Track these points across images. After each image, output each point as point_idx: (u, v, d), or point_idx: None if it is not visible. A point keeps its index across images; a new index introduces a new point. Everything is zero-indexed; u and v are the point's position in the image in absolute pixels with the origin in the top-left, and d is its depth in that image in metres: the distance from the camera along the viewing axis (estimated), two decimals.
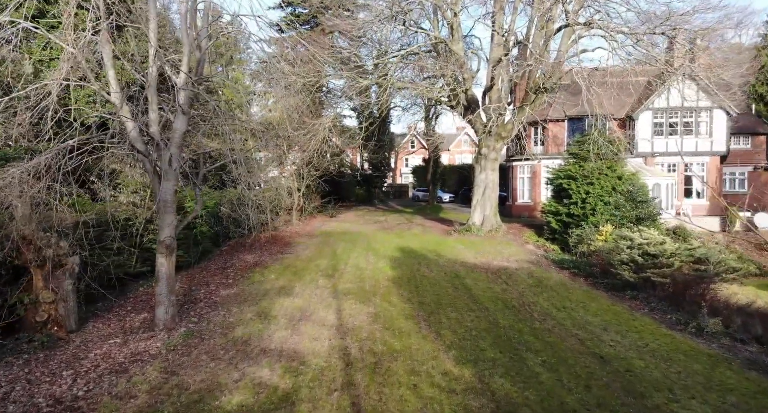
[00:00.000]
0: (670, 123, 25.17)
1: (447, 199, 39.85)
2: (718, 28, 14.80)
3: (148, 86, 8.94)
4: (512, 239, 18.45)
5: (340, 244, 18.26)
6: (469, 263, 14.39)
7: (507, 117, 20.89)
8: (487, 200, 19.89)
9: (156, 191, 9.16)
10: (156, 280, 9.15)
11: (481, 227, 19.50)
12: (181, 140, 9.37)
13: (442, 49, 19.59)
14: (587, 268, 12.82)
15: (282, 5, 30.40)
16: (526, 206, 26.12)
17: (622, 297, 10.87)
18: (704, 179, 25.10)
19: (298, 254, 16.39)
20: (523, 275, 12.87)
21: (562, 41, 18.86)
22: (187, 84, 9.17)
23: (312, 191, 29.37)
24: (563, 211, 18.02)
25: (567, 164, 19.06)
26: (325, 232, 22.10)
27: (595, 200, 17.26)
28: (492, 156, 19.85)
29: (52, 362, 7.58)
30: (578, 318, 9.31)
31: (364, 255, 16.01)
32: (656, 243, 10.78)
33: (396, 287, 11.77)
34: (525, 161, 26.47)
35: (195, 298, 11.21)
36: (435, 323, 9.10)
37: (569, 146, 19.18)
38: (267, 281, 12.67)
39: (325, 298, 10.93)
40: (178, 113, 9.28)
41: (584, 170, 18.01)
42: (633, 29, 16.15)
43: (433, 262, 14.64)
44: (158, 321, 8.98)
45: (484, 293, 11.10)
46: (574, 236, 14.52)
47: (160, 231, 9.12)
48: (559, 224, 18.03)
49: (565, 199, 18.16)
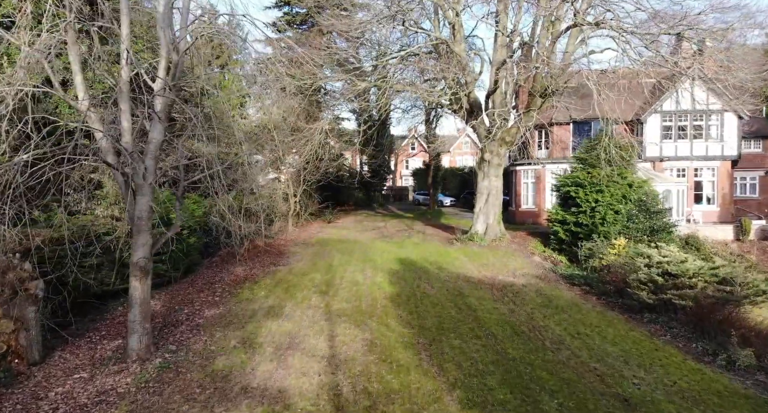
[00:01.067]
0: (679, 126, 24.29)
1: (448, 203, 38.98)
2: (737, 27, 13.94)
3: (120, 92, 8.09)
4: (517, 250, 17.58)
5: (336, 255, 17.39)
6: (472, 278, 13.52)
7: (511, 121, 20.02)
8: (491, 208, 19.03)
9: (130, 208, 8.31)
10: (129, 305, 8.30)
11: (485, 237, 18.63)
12: (158, 150, 8.52)
13: (443, 51, 18.72)
14: (600, 285, 11.95)
15: (278, 5, 29.57)
16: (531, 212, 25.26)
17: (640, 320, 10.00)
18: (715, 184, 24.23)
19: (292, 267, 15.53)
20: (531, 292, 12.00)
21: (569, 42, 18.00)
22: (165, 89, 8.33)
23: (309, 195, 28.54)
24: (571, 220, 17.15)
25: (574, 170, 18.19)
26: (322, 240, 21.24)
27: (605, 208, 16.39)
28: (495, 162, 18.98)
29: (6, 403, 6.72)
30: (595, 347, 8.44)
31: (361, 268, 15.15)
32: (677, 261, 9.92)
33: (394, 307, 10.91)
34: (529, 165, 25.61)
35: (176, 320, 10.35)
36: (437, 353, 8.24)
37: (579, 151, 18.29)
38: (256, 300, 11.81)
39: (317, 321, 10.07)
40: (154, 122, 8.44)
41: (593, 177, 17.15)
42: (645, 29, 15.28)
43: (435, 276, 13.77)
44: (131, 352, 8.12)
45: (490, 315, 10.23)
46: (584, 249, 13.63)
47: (134, 252, 8.27)
48: (566, 234, 17.16)
49: (573, 207, 17.28)
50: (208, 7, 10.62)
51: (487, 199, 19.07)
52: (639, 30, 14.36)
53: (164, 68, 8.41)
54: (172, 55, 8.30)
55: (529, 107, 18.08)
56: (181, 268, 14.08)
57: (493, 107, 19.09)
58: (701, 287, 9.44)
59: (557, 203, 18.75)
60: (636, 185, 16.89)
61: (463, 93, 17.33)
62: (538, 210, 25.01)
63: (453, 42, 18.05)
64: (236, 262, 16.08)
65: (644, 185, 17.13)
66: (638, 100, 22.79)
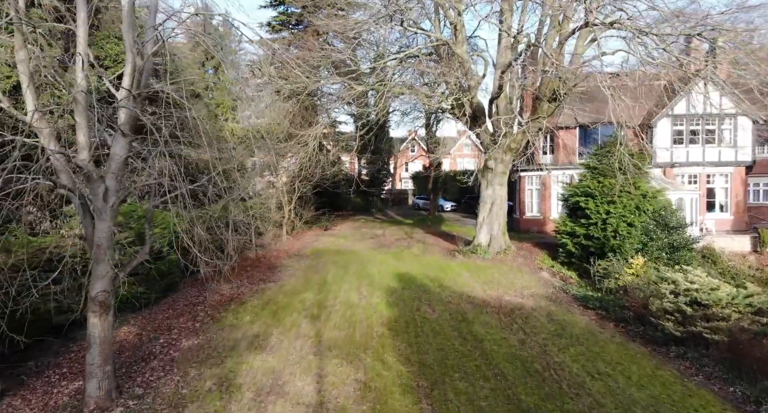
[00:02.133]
0: (691, 131, 23.25)
1: (449, 207, 37.93)
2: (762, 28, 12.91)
3: (75, 103, 7.05)
4: (523, 264, 16.54)
5: (330, 269, 16.36)
6: (477, 299, 12.48)
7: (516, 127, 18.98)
8: (495, 218, 17.99)
9: (87, 234, 7.27)
10: (87, 345, 7.26)
11: (488, 249, 17.59)
12: (122, 167, 7.48)
13: (444, 52, 17.69)
14: (617, 309, 10.90)
15: (273, 4, 28.53)
16: (535, 220, 24.22)
17: (666, 354, 8.96)
18: (728, 191, 23.19)
19: (283, 284, 14.49)
20: (541, 317, 10.96)
21: (577, 43, 16.97)
22: (130, 100, 7.30)
23: (305, 202, 27.50)
24: (581, 232, 16.11)
25: (583, 179, 17.15)
26: (317, 251, 20.20)
27: (617, 220, 15.36)
28: (500, 169, 17.95)
29: None
30: (619, 392, 7.40)
31: (356, 285, 14.12)
32: (707, 289, 8.90)
33: (392, 337, 9.88)
34: (533, 171, 24.57)
35: (149, 353, 9.32)
36: (440, 400, 7.20)
37: (589, 159, 17.25)
38: (240, 326, 10.78)
39: (305, 355, 9.03)
40: (117, 136, 7.40)
41: (604, 186, 16.12)
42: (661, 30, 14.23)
43: (436, 296, 12.73)
44: (89, 399, 7.09)
45: (498, 347, 9.19)
46: (599, 268, 12.55)
47: (92, 285, 7.23)
48: (576, 247, 16.13)
49: (583, 218, 16.24)
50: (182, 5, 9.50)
51: (491, 208, 18.04)
52: (656, 30, 13.31)
53: (129, 74, 7.38)
54: (136, 60, 7.27)
55: (536, 112, 17.06)
56: (160, 288, 13.04)
57: (497, 112, 18.08)
58: (735, 318, 8.41)
59: (565, 214, 17.71)
60: (650, 195, 15.87)
61: (466, 98, 16.29)
62: (543, 218, 23.97)
63: (455, 43, 17.01)
64: (223, 279, 15.04)
65: (658, 195, 16.11)
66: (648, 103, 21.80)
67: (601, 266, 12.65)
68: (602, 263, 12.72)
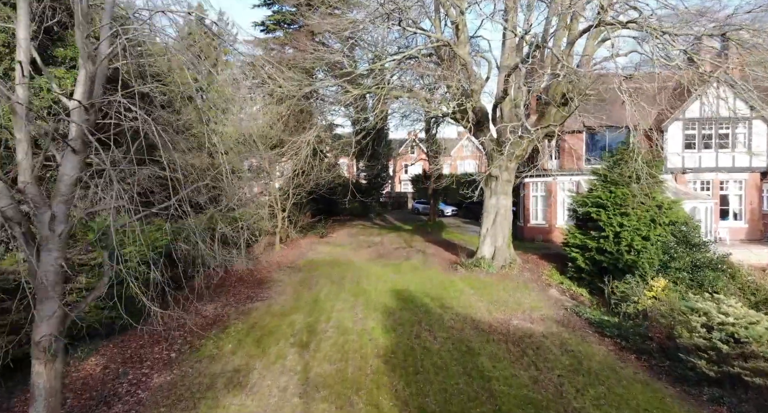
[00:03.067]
0: (703, 135, 22.21)
1: (449, 212, 36.88)
2: None
3: (14, 115, 6.01)
4: (530, 279, 15.49)
5: (324, 284, 15.33)
6: (482, 323, 11.43)
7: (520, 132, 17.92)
8: (499, 230, 16.94)
9: (32, 268, 6.22)
10: (31, 397, 6.22)
11: (492, 262, 16.55)
12: (72, 190, 6.43)
13: (445, 54, 16.65)
14: (638, 339, 9.85)
15: (267, 3, 27.49)
16: (540, 229, 23.18)
17: (699, 397, 7.91)
18: (742, 198, 22.15)
19: (271, 303, 13.46)
20: (554, 347, 9.91)
21: (588, 43, 15.96)
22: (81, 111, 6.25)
23: (300, 208, 26.46)
24: (592, 245, 15.07)
25: (594, 188, 16.11)
26: (311, 262, 19.17)
27: (631, 234, 14.33)
28: (505, 178, 16.90)
29: None
30: None
31: (351, 304, 13.09)
32: (744, 323, 7.86)
33: (388, 372, 8.83)
34: (538, 177, 23.52)
35: (114, 392, 8.28)
36: None
37: (599, 165, 16.21)
38: (220, 357, 9.74)
39: (289, 397, 7.98)
40: (67, 153, 6.35)
41: (616, 196, 15.08)
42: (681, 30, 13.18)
43: (437, 319, 11.69)
44: None
45: (508, 387, 8.15)
46: (617, 292, 11.45)
47: (35, 327, 6.18)
48: (587, 262, 15.09)
49: (594, 230, 15.21)
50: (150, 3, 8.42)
51: (495, 219, 17.00)
52: (676, 29, 12.26)
53: (83, 82, 6.34)
54: (87, 66, 6.22)
55: (543, 118, 16.02)
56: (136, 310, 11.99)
57: (501, 117, 17.04)
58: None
59: (574, 224, 16.67)
60: (666, 206, 14.83)
61: (469, 103, 15.25)
62: (548, 226, 22.93)
63: (456, 44, 15.97)
64: (207, 297, 14.01)
65: (674, 206, 15.07)
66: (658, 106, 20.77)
67: (618, 289, 11.55)
68: (620, 286, 11.62)
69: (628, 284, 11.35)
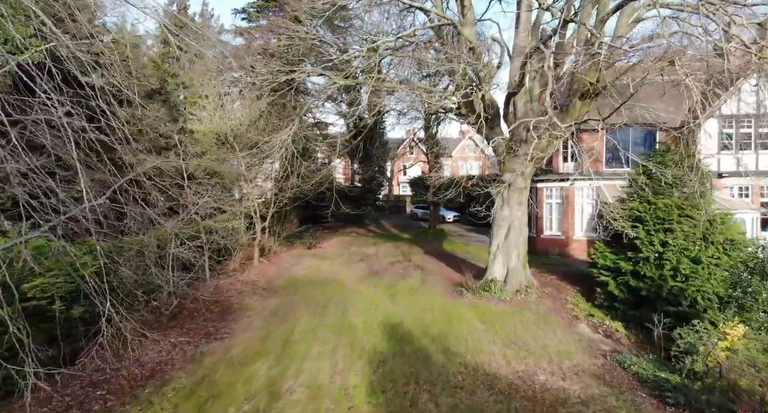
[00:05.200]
0: (741, 134, 19.51)
1: (451, 218, 34.12)
2: None
3: None
4: (553, 309, 12.77)
5: (302, 315, 12.60)
6: (499, 380, 8.71)
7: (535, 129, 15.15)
8: (512, 246, 14.22)
9: None
10: None
11: (505, 286, 13.83)
12: None
13: (448, 35, 13.92)
14: (709, 406, 7.12)
15: None
16: (556, 241, 20.43)
17: None
18: None
19: (232, 344, 10.73)
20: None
21: (619, 23, 13.24)
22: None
23: (285, 216, 23.73)
24: (626, 268, 12.39)
25: (630, 197, 13.42)
26: (292, 281, 16.43)
27: (677, 255, 11.66)
28: (519, 184, 14.18)
29: None
30: None
31: (331, 347, 10.37)
32: None
33: None
34: (553, 181, 20.80)
35: None
36: None
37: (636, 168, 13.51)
38: None
39: None
40: None
41: (657, 208, 12.39)
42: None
43: (440, 374, 8.97)
44: None
45: None
46: (681, 344, 8.66)
47: None
48: (621, 288, 12.38)
49: (630, 250, 12.52)
50: None
51: (508, 234, 14.27)
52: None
53: None
54: None
55: (564, 111, 13.31)
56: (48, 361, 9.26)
57: (515, 113, 14.35)
58: None
59: (602, 240, 13.98)
60: (719, 220, 12.14)
61: (479, 93, 12.54)
62: (565, 238, 20.20)
63: (462, 23, 13.27)
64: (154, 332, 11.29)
65: (727, 219, 12.40)
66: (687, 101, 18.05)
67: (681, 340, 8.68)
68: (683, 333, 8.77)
69: (695, 333, 8.58)
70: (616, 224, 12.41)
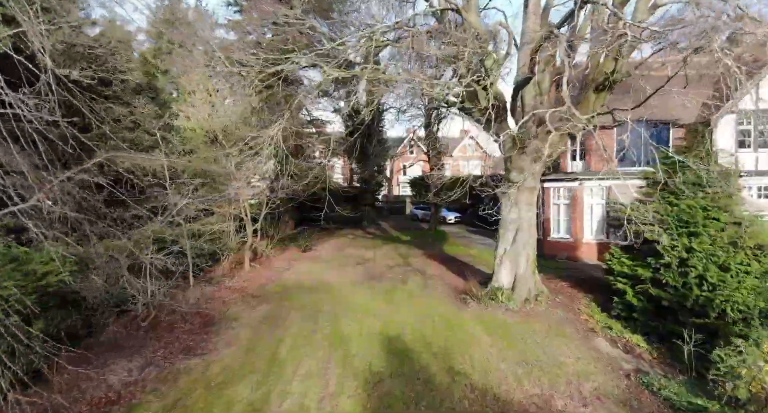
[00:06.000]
0: (761, 131, 18.44)
1: (452, 219, 33.03)
2: None
3: None
4: (566, 320, 11.70)
5: (292, 325, 11.53)
6: (512, 405, 7.64)
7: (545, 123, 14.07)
8: (521, 251, 13.15)
9: None
10: None
11: (513, 294, 12.76)
12: None
13: (449, 22, 12.86)
14: None
15: None
16: (564, 244, 19.34)
17: None
18: None
19: (212, 361, 9.65)
20: None
21: (637, 7, 12.18)
22: None
23: (279, 217, 22.66)
24: (646, 275, 11.32)
25: (650, 196, 12.35)
26: (283, 288, 15.36)
27: (704, 261, 10.58)
28: (528, 184, 13.12)
29: None
30: None
31: (322, 364, 9.30)
32: None
33: None
34: (560, 181, 19.72)
35: None
36: None
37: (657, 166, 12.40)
38: None
39: None
40: None
41: (681, 210, 11.32)
42: None
43: (444, 398, 7.90)
44: None
45: None
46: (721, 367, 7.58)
47: None
48: (640, 298, 11.31)
49: (650, 256, 11.45)
50: None
51: (516, 237, 13.20)
52: None
53: None
54: None
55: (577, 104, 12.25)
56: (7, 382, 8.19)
57: (522, 106, 13.30)
58: None
59: (618, 245, 12.91)
60: (747, 223, 11.07)
61: (486, 81, 11.47)
62: (574, 241, 19.11)
63: (466, 8, 12.22)
64: (128, 348, 10.22)
65: (758, 222, 11.32)
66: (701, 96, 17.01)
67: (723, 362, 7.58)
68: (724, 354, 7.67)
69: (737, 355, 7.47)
70: (646, 230, 11.24)
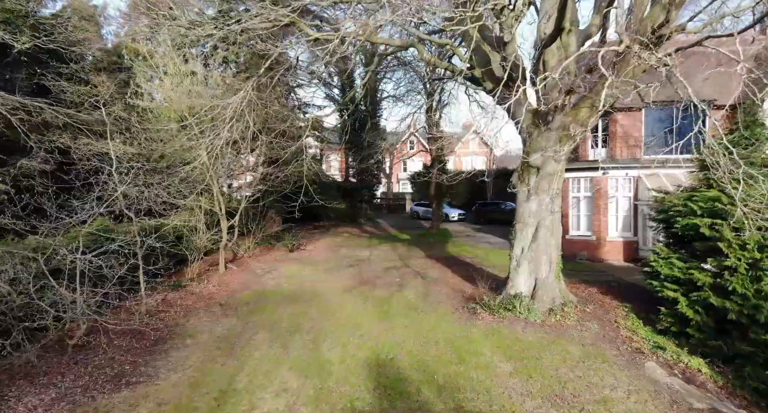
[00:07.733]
0: None
1: (455, 217, 30.66)
2: None
3: None
4: (603, 337, 9.33)
5: (259, 346, 9.20)
6: None
7: None
8: (542, 250, 10.78)
9: None
10: None
11: (534, 304, 10.40)
12: None
13: None
14: None
15: None
16: (585, 242, 16.94)
17: None
18: None
19: (147, 393, 7.31)
20: None
21: None
22: None
23: (263, 212, 20.35)
24: (704, 280, 8.97)
25: (698, 187, 10.01)
26: (258, 296, 13.02)
27: None
28: (550, 168, 10.74)
29: None
30: None
31: (287, 404, 6.96)
32: None
33: None
34: (580, 170, 17.34)
35: None
36: None
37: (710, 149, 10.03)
38: None
39: None
40: None
41: (746, 199, 8.93)
42: None
43: None
44: None
45: None
46: None
47: None
48: (696, 309, 8.94)
49: (708, 255, 9.09)
50: None
51: (536, 234, 10.83)
52: None
53: None
54: None
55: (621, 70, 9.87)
56: None
57: (544, 72, 10.91)
58: None
59: (662, 242, 10.57)
60: None
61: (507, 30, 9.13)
62: (596, 239, 16.73)
63: None
64: (42, 377, 7.90)
65: None
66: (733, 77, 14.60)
67: None
68: None
69: None
70: (680, 223, 8.87)
